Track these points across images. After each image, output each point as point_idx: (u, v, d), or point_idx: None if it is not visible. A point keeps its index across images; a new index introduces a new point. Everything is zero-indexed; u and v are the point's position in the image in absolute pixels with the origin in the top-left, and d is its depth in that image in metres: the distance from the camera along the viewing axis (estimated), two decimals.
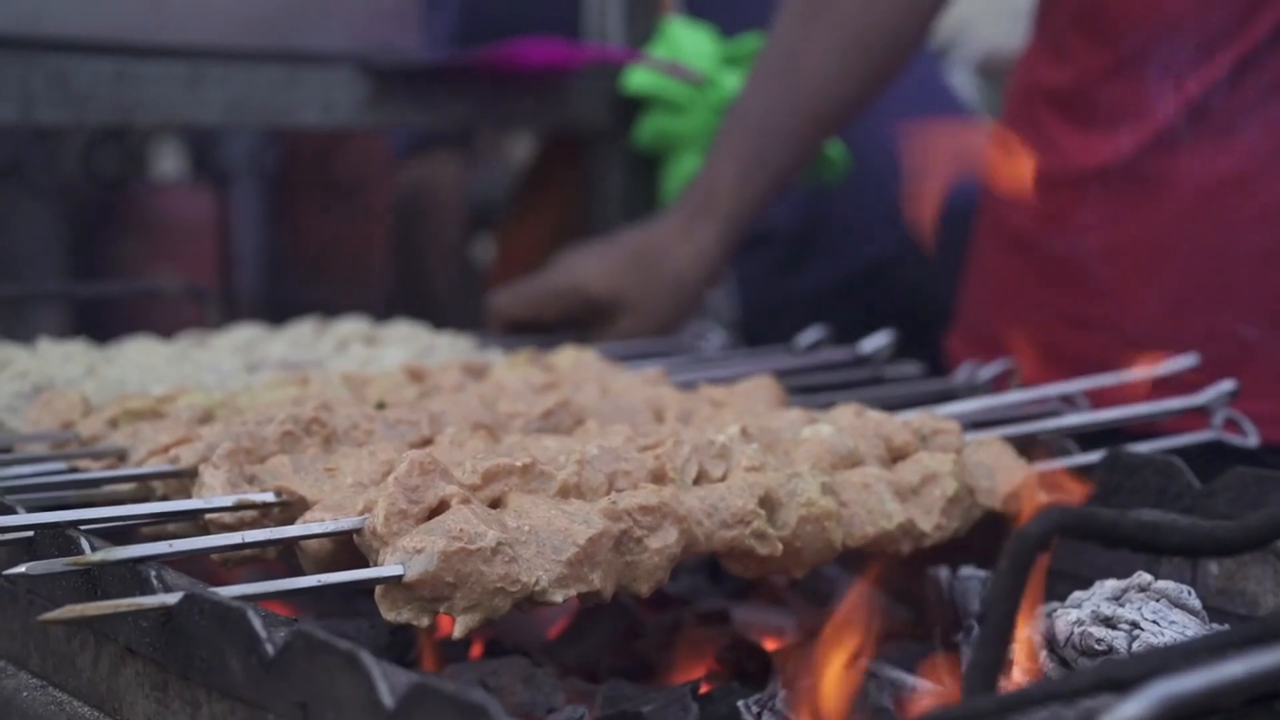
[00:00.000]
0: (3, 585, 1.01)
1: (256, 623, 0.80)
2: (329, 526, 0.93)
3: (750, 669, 1.12)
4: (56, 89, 1.70)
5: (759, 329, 2.25)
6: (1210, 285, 1.64)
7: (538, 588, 0.91)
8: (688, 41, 2.12)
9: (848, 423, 1.15)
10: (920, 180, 1.44)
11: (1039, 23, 1.79)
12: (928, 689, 1.04)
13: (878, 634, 1.10)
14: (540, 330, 1.75)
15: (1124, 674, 0.68)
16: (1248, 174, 1.63)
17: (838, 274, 2.34)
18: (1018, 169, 1.68)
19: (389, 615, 0.89)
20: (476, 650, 1.18)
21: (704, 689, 1.05)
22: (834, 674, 0.98)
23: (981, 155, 1.52)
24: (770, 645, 1.17)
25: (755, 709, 1.00)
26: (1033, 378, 1.43)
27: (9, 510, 0.96)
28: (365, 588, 0.91)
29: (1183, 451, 1.20)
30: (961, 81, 4.48)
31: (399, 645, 1.15)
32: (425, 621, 0.90)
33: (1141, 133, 1.67)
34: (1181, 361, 1.39)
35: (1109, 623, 0.96)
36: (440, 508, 0.93)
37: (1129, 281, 1.67)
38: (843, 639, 1.00)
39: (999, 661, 0.72)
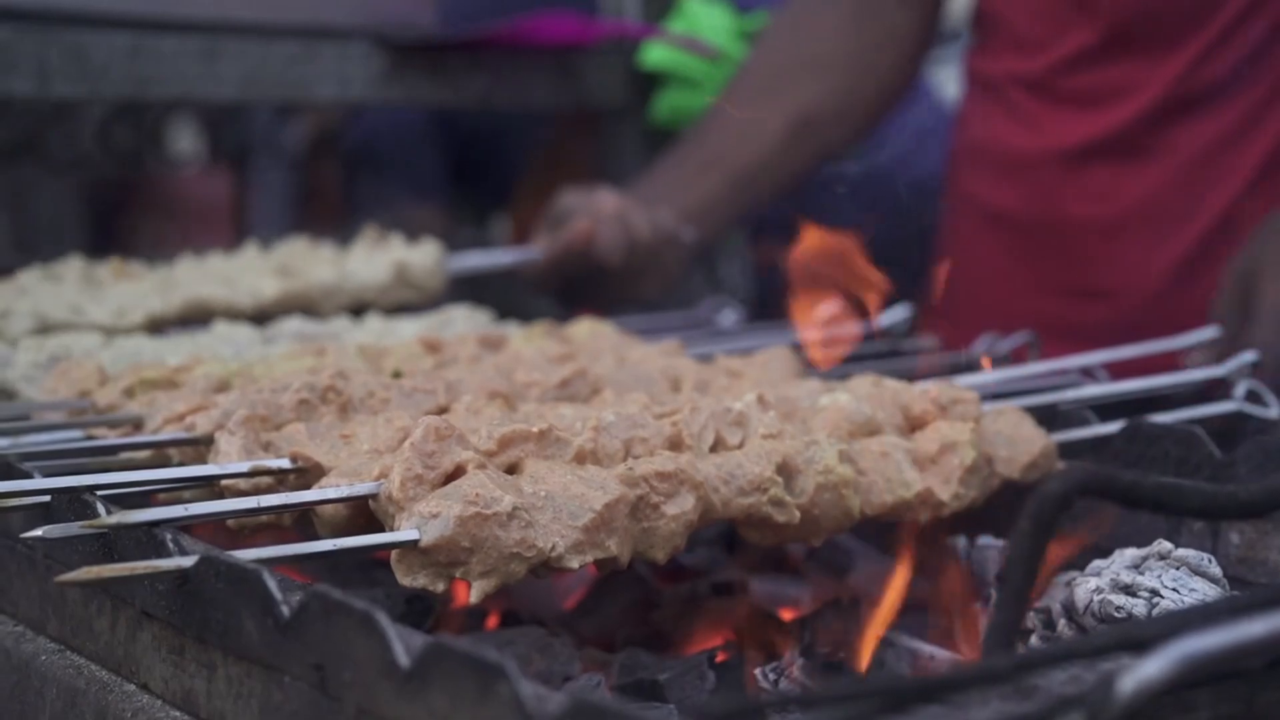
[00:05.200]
0: (20, 550, 1.01)
1: (272, 584, 0.80)
2: (345, 492, 0.93)
3: (767, 639, 1.11)
4: (73, 63, 1.70)
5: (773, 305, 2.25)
6: (1213, 245, 1.65)
7: (554, 553, 0.91)
8: (705, 16, 2.11)
9: (866, 392, 1.14)
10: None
11: (989, 18, 1.82)
12: (945, 657, 1.04)
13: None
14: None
15: (1143, 634, 0.68)
16: (1237, 136, 1.65)
17: None
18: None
19: (405, 580, 0.89)
20: (492, 621, 1.18)
21: (720, 658, 1.05)
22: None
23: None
24: (787, 615, 1.16)
25: (772, 677, 1.00)
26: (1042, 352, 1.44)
27: (25, 475, 0.96)
28: (381, 554, 0.91)
29: (1203, 422, 1.19)
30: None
31: (414, 615, 1.15)
32: (441, 586, 0.89)
33: (1130, 108, 1.68)
34: (1203, 334, 1.38)
35: (1129, 590, 0.96)
36: (456, 473, 0.92)
37: (1130, 249, 1.68)
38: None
39: (1018, 622, 0.72)
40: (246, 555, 0.84)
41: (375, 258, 1.69)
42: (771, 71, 1.83)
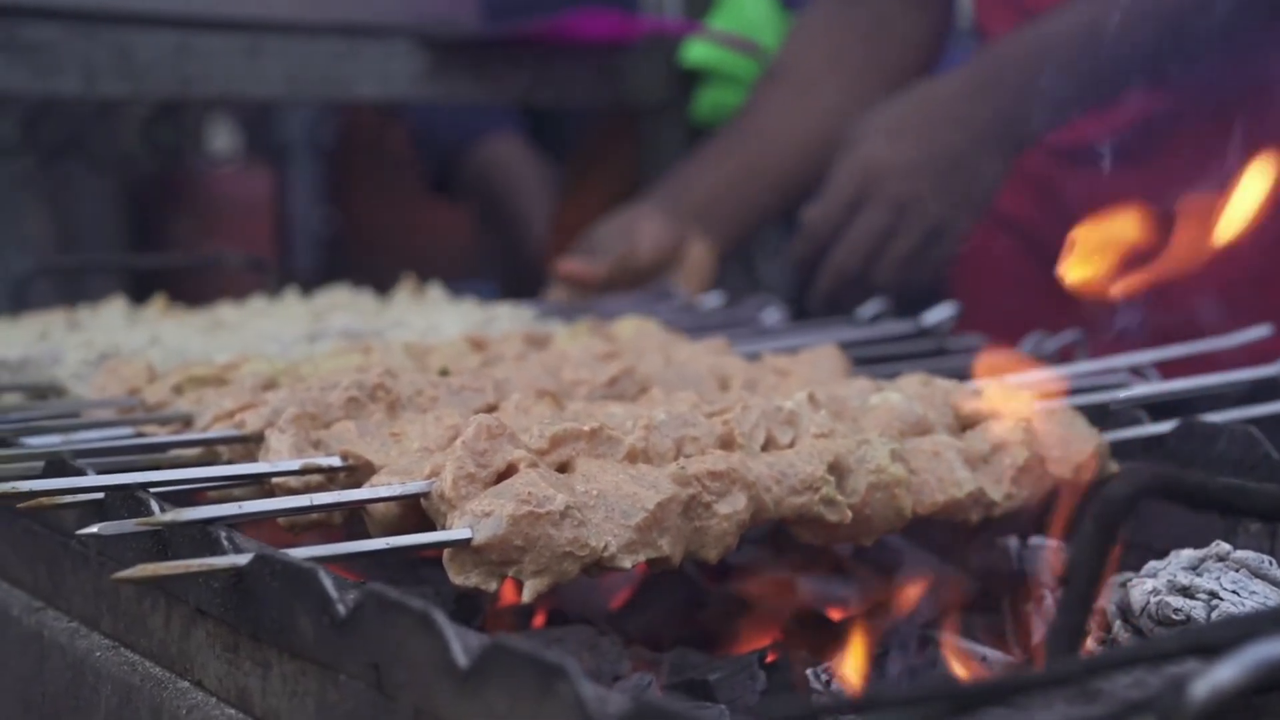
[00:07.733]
0: (75, 547, 1.02)
1: (327, 583, 0.79)
2: (397, 490, 0.93)
3: (815, 639, 1.11)
4: (118, 62, 1.71)
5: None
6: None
7: (606, 553, 0.90)
8: (748, 12, 2.10)
9: (916, 391, 1.14)
10: None
11: (986, 33, 1.86)
12: (998, 659, 1.03)
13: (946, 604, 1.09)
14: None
15: (1212, 638, 0.67)
16: (1240, 130, 1.64)
17: None
18: None
19: (457, 579, 0.89)
20: (539, 620, 1.18)
21: (770, 658, 1.04)
22: None
23: None
24: (835, 615, 1.16)
25: (824, 677, 0.99)
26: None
27: (79, 472, 0.96)
28: (431, 553, 0.90)
29: (1259, 421, 1.18)
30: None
31: (462, 614, 1.15)
32: (493, 585, 0.89)
33: (1132, 110, 1.69)
34: (1255, 332, 1.36)
35: (1186, 592, 0.94)
36: (508, 472, 0.92)
37: None
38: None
39: (1082, 625, 0.70)
40: (300, 554, 0.84)
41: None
42: (801, 77, 1.91)
